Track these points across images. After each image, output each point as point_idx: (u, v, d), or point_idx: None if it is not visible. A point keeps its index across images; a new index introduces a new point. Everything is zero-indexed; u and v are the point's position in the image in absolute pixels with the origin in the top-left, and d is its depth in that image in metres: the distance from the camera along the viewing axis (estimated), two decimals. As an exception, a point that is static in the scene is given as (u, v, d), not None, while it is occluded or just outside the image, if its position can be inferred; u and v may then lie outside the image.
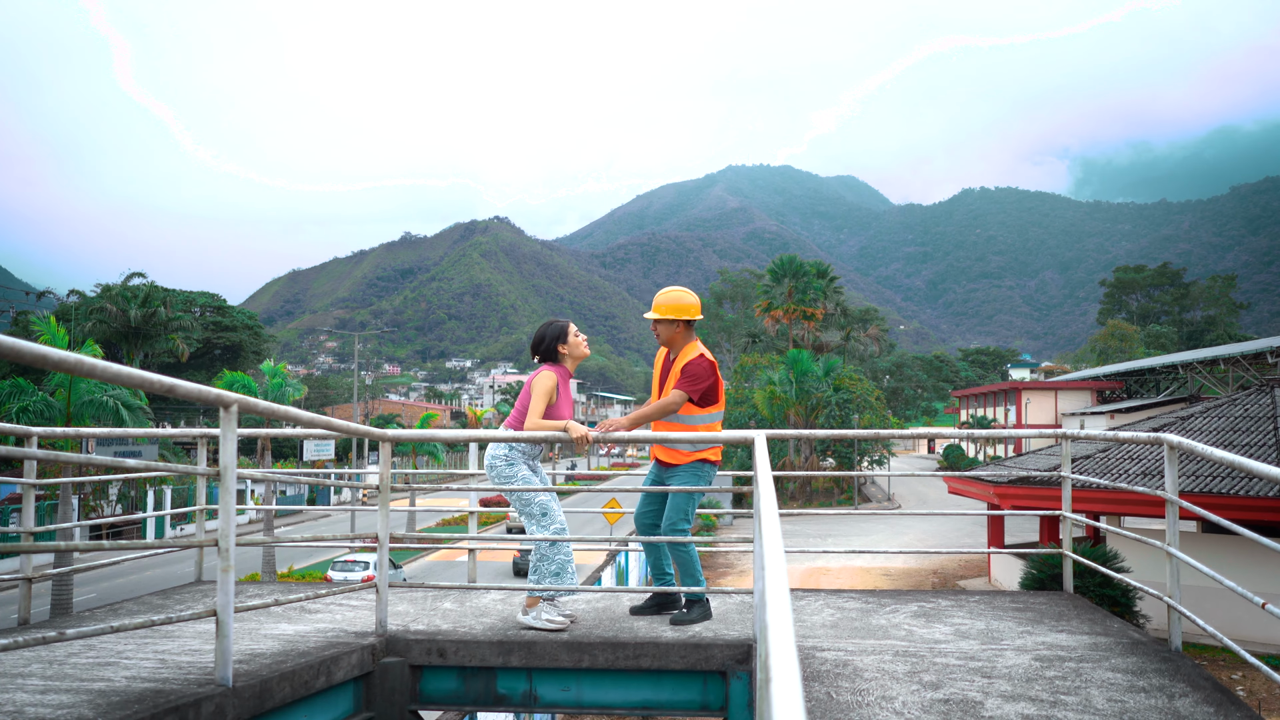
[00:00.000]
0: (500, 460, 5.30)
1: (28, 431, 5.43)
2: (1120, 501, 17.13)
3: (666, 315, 5.30)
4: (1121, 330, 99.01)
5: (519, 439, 5.18)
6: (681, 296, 5.36)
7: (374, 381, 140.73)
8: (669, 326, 5.34)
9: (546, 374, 5.26)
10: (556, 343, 5.35)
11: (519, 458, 5.33)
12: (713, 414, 5.37)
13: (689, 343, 5.37)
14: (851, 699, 3.78)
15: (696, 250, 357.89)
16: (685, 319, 5.32)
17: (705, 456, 5.38)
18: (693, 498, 5.32)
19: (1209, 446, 4.39)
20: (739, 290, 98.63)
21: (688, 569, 5.32)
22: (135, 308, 48.97)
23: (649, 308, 5.48)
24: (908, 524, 37.43)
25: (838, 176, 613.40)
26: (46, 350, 2.67)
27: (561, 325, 5.42)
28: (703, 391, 5.25)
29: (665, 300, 5.35)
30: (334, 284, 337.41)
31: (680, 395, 5.20)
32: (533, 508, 5.30)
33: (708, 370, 5.25)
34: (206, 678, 3.81)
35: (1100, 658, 4.47)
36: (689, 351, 5.32)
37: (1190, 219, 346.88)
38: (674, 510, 5.29)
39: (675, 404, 5.19)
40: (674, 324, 5.33)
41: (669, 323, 5.33)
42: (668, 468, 5.42)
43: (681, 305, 5.32)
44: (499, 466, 5.30)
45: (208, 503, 6.59)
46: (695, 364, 5.25)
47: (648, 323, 5.49)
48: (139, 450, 33.00)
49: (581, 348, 5.39)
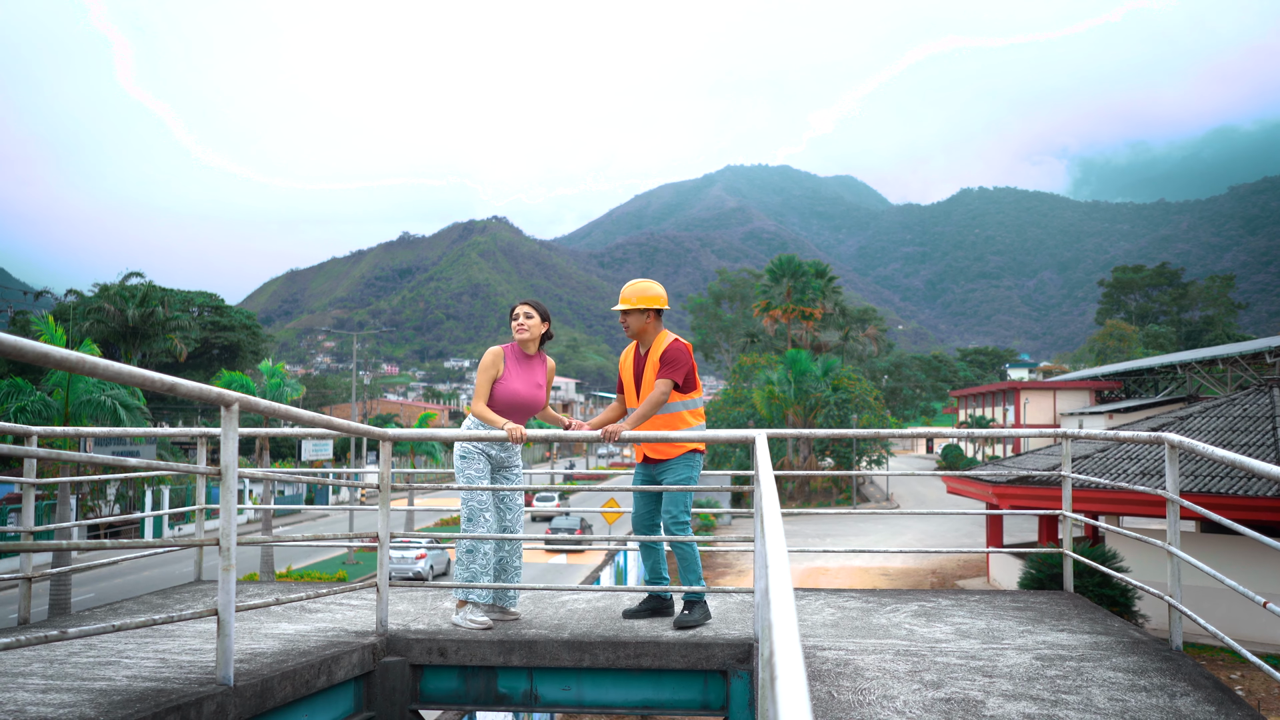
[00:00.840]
0: (456, 452, 5.38)
1: (27, 431, 5.42)
2: (1119, 501, 17.14)
3: (636, 305, 5.28)
4: (1120, 330, 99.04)
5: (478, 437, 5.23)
6: (649, 287, 5.34)
7: (372, 381, 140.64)
8: (639, 317, 5.30)
9: (487, 351, 5.34)
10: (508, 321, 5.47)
11: (475, 452, 5.35)
12: (694, 400, 5.35)
13: (659, 332, 5.35)
14: (853, 698, 3.78)
15: (695, 250, 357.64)
16: (655, 308, 5.30)
17: (695, 447, 5.35)
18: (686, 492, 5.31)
19: (1210, 445, 4.39)
20: (737, 290, 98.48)
21: (689, 565, 5.29)
22: (133, 307, 48.90)
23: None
24: (906, 524, 37.43)
25: (836, 176, 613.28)
26: (49, 349, 2.67)
27: (512, 304, 5.52)
28: (685, 375, 5.24)
29: (633, 291, 5.32)
30: (332, 284, 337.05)
31: (667, 384, 5.17)
32: (463, 509, 5.37)
33: (686, 354, 5.24)
34: (208, 677, 3.80)
35: (1101, 657, 4.48)
36: (663, 339, 5.30)
37: (1189, 219, 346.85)
38: (673, 504, 5.26)
39: (665, 394, 5.16)
40: (644, 314, 5.30)
41: (639, 313, 5.30)
42: (658, 463, 5.36)
43: (650, 295, 5.30)
44: (456, 458, 5.38)
45: (207, 502, 6.58)
46: (673, 349, 5.24)
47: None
48: (137, 450, 33.00)
49: (517, 332, 5.41)
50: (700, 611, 5.19)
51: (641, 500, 5.51)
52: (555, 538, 8.82)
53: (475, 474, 5.32)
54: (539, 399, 5.44)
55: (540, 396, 5.44)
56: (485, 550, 5.27)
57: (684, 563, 5.32)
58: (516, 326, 5.40)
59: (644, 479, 5.44)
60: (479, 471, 5.33)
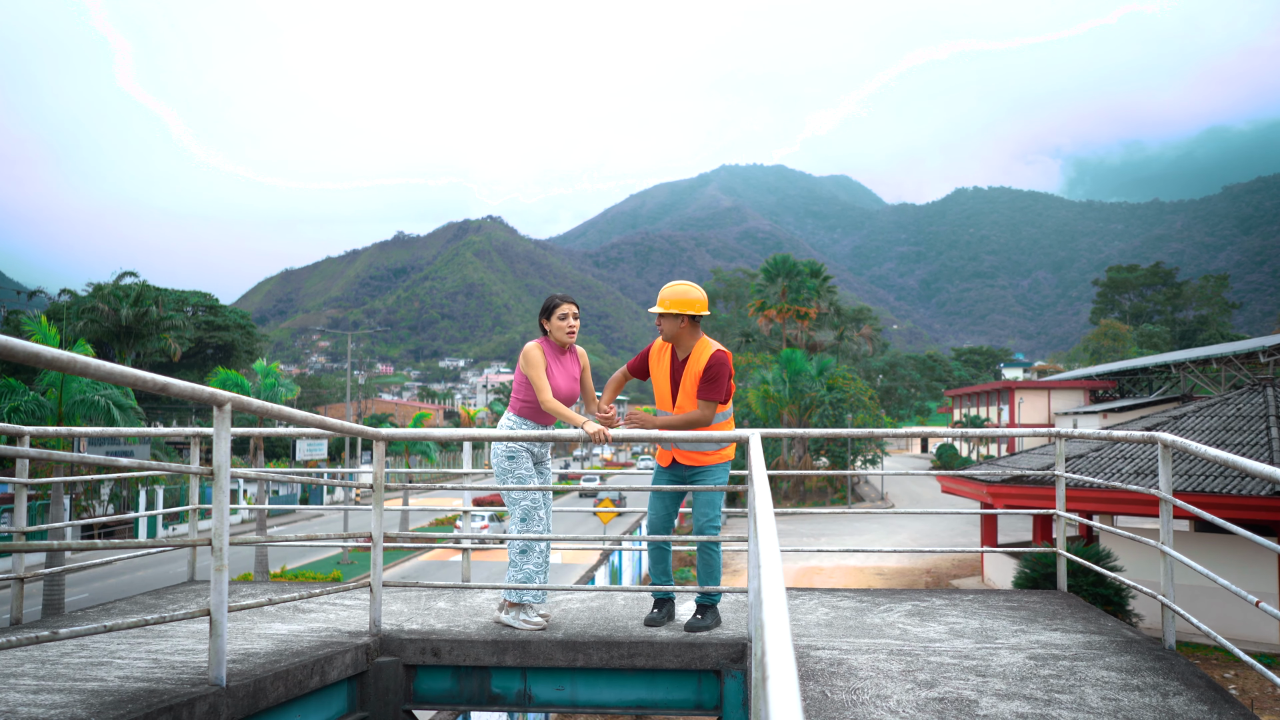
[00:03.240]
0: (500, 452, 5.26)
1: (20, 431, 5.40)
2: (1113, 500, 17.17)
3: (671, 310, 5.11)
4: (1114, 330, 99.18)
5: (514, 438, 5.16)
6: (688, 291, 5.18)
7: (367, 381, 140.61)
8: (674, 322, 5.14)
9: (529, 347, 5.20)
10: (542, 315, 5.33)
11: (520, 450, 5.27)
12: (726, 410, 5.29)
13: (697, 340, 5.20)
14: (846, 698, 3.79)
15: (690, 250, 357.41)
16: (691, 314, 5.13)
17: (729, 455, 5.31)
18: (721, 496, 5.27)
19: (1203, 445, 4.40)
20: (732, 290, 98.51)
21: (713, 571, 5.23)
22: (127, 307, 48.77)
23: (643, 307, 5.42)
24: (901, 523, 37.48)
25: (831, 176, 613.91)
26: (39, 348, 2.66)
27: (553, 300, 5.33)
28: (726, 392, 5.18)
29: (671, 295, 5.16)
30: (327, 283, 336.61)
31: (711, 409, 5.08)
32: (515, 509, 5.25)
33: (728, 368, 5.13)
34: (200, 677, 3.79)
35: (1094, 656, 4.48)
36: (702, 350, 5.15)
37: (1183, 219, 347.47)
38: (711, 507, 5.18)
39: (708, 420, 5.09)
40: (679, 319, 5.14)
41: (674, 317, 5.14)
42: (692, 469, 5.27)
43: (689, 300, 5.13)
44: (498, 457, 5.26)
45: (200, 502, 6.57)
46: (716, 365, 5.10)
47: (642, 322, 5.45)
48: (131, 450, 32.93)
49: (559, 333, 5.26)
50: (713, 617, 5.12)
51: (663, 503, 5.40)
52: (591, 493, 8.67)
53: (525, 473, 5.24)
54: (576, 392, 5.37)
55: (576, 389, 5.36)
56: (541, 549, 5.22)
57: (708, 568, 5.24)
58: (567, 329, 5.24)
59: (669, 482, 5.33)
60: (528, 470, 5.25)
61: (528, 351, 5.17)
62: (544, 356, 5.18)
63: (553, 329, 5.26)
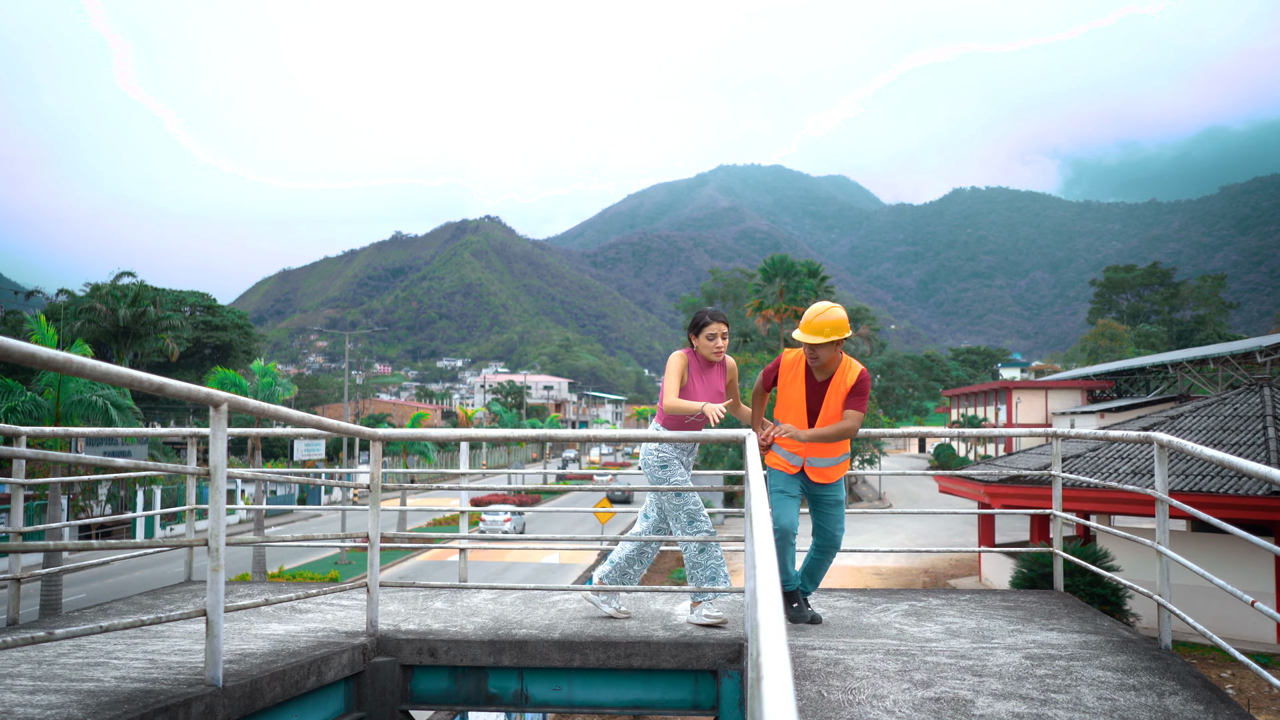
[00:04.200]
0: (653, 459, 5.28)
1: (16, 431, 5.40)
2: (1110, 500, 17.19)
3: (833, 338, 5.07)
4: (1111, 330, 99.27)
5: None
6: (838, 313, 5.11)
7: (365, 381, 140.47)
8: (831, 349, 5.13)
9: (675, 354, 5.31)
10: (691, 330, 5.37)
11: (671, 456, 5.28)
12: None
13: (841, 358, 5.26)
14: (843, 697, 3.79)
15: (688, 250, 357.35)
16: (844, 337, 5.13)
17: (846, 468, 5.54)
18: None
19: (1199, 445, 4.41)
20: (730, 290, 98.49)
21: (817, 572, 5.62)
22: (124, 307, 48.68)
23: (641, 307, 5.41)
24: (898, 523, 37.51)
25: (829, 176, 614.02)
26: (35, 349, 2.66)
27: (702, 318, 5.35)
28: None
29: (825, 322, 5.08)
30: (324, 283, 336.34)
31: (860, 417, 5.18)
32: (680, 513, 5.25)
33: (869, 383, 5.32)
34: (196, 678, 3.79)
35: (1090, 656, 4.49)
36: (848, 367, 5.23)
37: (1180, 219, 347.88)
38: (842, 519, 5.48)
39: (856, 430, 5.18)
40: (836, 345, 5.13)
41: (833, 345, 5.12)
42: (823, 485, 5.41)
43: (842, 323, 5.08)
44: (651, 466, 5.28)
45: (197, 502, 6.57)
46: (866, 380, 5.23)
47: (640, 322, 5.48)
48: (128, 450, 32.87)
49: (706, 351, 5.30)
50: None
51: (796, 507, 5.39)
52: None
53: (680, 479, 5.25)
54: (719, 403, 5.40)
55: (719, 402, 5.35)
56: (718, 549, 5.26)
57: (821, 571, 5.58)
58: (714, 349, 5.27)
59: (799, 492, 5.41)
60: (682, 479, 5.27)
61: (670, 358, 5.30)
62: (686, 366, 5.27)
63: (700, 346, 5.32)
